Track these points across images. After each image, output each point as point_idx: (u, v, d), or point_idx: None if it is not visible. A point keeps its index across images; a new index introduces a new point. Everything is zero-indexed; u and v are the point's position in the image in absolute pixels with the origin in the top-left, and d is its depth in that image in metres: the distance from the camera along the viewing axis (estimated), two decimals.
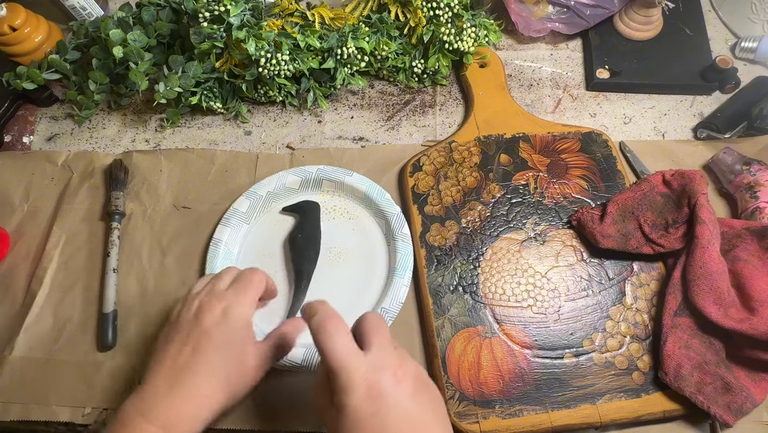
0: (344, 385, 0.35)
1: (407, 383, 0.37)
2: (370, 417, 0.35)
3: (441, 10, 0.63)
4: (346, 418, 0.35)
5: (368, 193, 0.60)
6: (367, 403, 0.35)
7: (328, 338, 0.36)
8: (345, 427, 0.35)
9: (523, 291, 0.55)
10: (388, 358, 0.37)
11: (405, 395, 0.36)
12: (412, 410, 0.36)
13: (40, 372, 0.54)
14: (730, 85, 0.68)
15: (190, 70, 0.62)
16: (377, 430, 0.35)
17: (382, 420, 0.35)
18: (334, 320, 0.37)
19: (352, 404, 0.35)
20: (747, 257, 0.53)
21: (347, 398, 0.35)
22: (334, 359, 0.36)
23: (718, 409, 0.48)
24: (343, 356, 0.36)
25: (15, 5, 0.66)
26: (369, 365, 0.36)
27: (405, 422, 0.35)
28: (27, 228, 0.62)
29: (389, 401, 0.35)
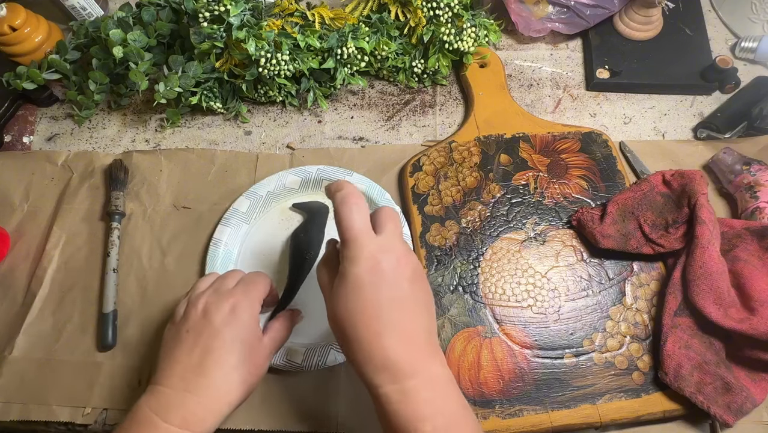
0: (353, 255, 0.38)
1: (407, 269, 0.40)
2: (368, 285, 0.38)
3: (441, 10, 0.63)
4: (347, 283, 0.38)
5: (368, 193, 0.60)
6: (369, 274, 0.38)
7: (349, 211, 0.39)
8: (343, 290, 0.39)
9: (523, 291, 0.55)
10: (396, 244, 0.40)
11: (403, 279, 0.39)
12: (407, 293, 0.39)
13: (40, 372, 0.54)
14: (730, 85, 0.68)
15: (190, 70, 0.62)
16: (372, 301, 0.38)
17: (378, 293, 0.38)
18: (357, 198, 0.40)
19: (355, 272, 0.38)
20: (747, 257, 0.53)
21: (353, 266, 0.38)
22: (350, 230, 0.39)
23: (718, 409, 0.48)
24: (358, 229, 0.39)
25: (15, 5, 0.66)
26: (378, 244, 0.39)
27: (398, 301, 0.39)
28: (27, 228, 0.62)
29: (388, 278, 0.38)
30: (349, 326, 0.38)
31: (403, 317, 0.39)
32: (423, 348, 0.39)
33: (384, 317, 0.38)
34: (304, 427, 0.51)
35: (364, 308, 0.38)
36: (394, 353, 0.38)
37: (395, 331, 0.38)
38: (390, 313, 0.38)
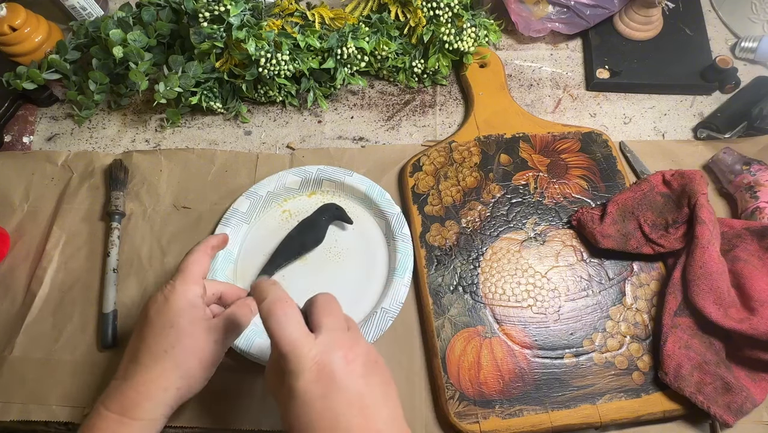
0: (293, 369, 0.35)
1: (357, 364, 0.37)
2: (319, 399, 0.35)
3: (441, 10, 0.63)
4: (295, 400, 0.35)
5: (368, 193, 0.60)
6: (316, 386, 0.35)
7: (277, 323, 0.36)
8: (294, 409, 0.35)
9: (523, 291, 0.55)
10: (338, 340, 0.37)
11: (355, 377, 0.36)
12: (362, 391, 0.36)
13: (40, 372, 0.54)
14: (730, 85, 0.68)
15: (190, 70, 0.62)
16: (326, 412, 0.35)
17: (331, 403, 0.35)
18: (283, 304, 0.37)
19: (302, 386, 0.35)
20: (747, 257, 0.53)
21: (296, 381, 0.35)
22: (283, 344, 0.36)
23: (718, 409, 0.48)
24: (293, 340, 0.36)
25: (15, 5, 0.66)
26: (319, 347, 0.36)
27: (354, 403, 0.36)
28: (27, 228, 0.62)
29: (339, 384, 0.35)
30: None
31: (363, 419, 0.36)
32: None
33: (342, 427, 0.35)
34: None
35: (318, 421, 0.35)
36: None
37: None
38: (348, 420, 0.35)
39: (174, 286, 0.44)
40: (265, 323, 0.37)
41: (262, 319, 0.37)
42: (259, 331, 0.54)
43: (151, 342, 0.42)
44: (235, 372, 0.53)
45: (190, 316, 0.43)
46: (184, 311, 0.43)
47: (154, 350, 0.42)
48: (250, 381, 0.53)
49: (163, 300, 0.43)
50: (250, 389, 0.53)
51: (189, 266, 0.45)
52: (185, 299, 0.43)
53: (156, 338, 0.42)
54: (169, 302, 0.43)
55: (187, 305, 0.43)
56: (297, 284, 0.57)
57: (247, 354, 0.52)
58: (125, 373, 0.42)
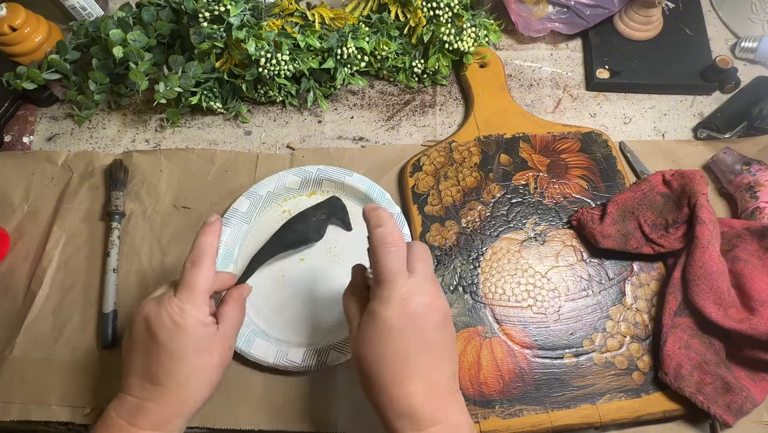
0: (386, 296, 0.38)
1: (438, 314, 0.39)
2: (397, 331, 0.38)
3: (441, 10, 0.63)
4: (376, 325, 0.38)
5: (368, 193, 0.60)
6: (399, 318, 0.38)
7: (386, 251, 0.39)
8: (371, 332, 0.39)
9: (523, 291, 0.55)
10: (428, 287, 0.40)
11: (432, 324, 0.39)
12: (435, 338, 0.39)
13: (40, 372, 0.54)
14: (730, 85, 0.68)
15: (190, 70, 0.62)
16: (400, 344, 0.38)
17: (407, 338, 0.38)
18: (396, 237, 0.40)
19: (386, 315, 0.38)
20: (747, 257, 0.53)
21: (384, 308, 0.38)
22: (385, 272, 0.38)
23: (718, 409, 0.48)
24: (394, 271, 0.38)
25: (15, 5, 0.66)
26: (411, 286, 0.39)
27: (426, 345, 0.39)
28: (27, 228, 0.62)
29: (418, 324, 0.38)
30: (374, 369, 0.38)
31: (428, 364, 0.39)
32: (446, 396, 0.39)
33: (410, 364, 0.38)
34: (304, 427, 0.51)
35: (391, 352, 0.38)
36: (418, 400, 0.37)
37: (420, 378, 0.38)
38: (417, 360, 0.38)
39: (183, 309, 0.42)
40: (374, 248, 0.39)
41: (373, 243, 0.40)
42: (259, 331, 0.54)
43: (171, 367, 0.41)
44: (235, 372, 0.53)
45: (206, 336, 0.43)
46: (200, 334, 0.42)
47: (178, 375, 0.42)
48: (250, 381, 0.53)
49: (173, 326, 0.41)
50: (250, 389, 0.53)
51: (197, 284, 0.43)
52: (199, 323, 0.42)
53: (177, 364, 0.42)
54: (182, 329, 0.41)
55: (201, 327, 0.42)
56: (297, 284, 0.57)
57: (247, 354, 0.52)
58: (145, 393, 0.42)
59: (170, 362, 0.41)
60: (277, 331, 0.55)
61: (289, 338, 0.55)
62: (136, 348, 0.43)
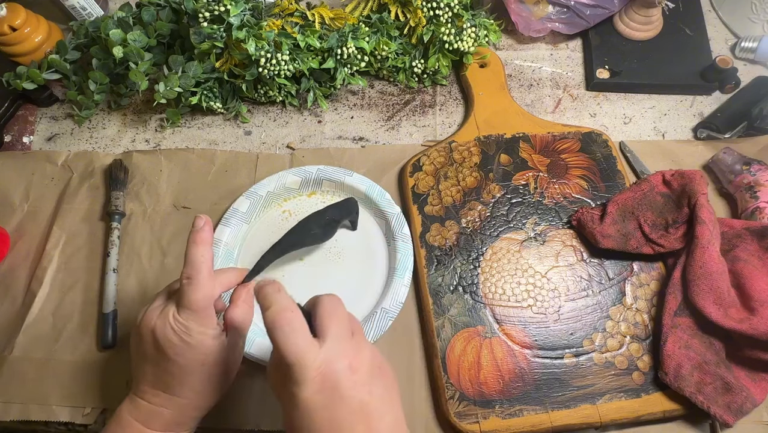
0: (297, 378, 0.35)
1: (362, 373, 0.36)
2: (321, 409, 0.35)
3: (441, 10, 0.63)
4: (297, 408, 0.35)
5: (368, 193, 0.60)
6: (320, 396, 0.35)
7: (281, 334, 0.35)
8: (297, 417, 0.35)
9: (523, 291, 0.55)
10: (343, 349, 0.36)
11: (359, 386, 0.36)
12: (366, 400, 0.36)
13: (40, 372, 0.54)
14: (730, 85, 0.68)
15: (190, 70, 0.62)
16: (328, 422, 0.35)
17: (334, 413, 0.35)
18: (288, 314, 0.36)
19: (305, 396, 0.35)
20: (747, 257, 0.53)
21: (300, 390, 0.35)
22: (288, 354, 0.35)
23: (718, 409, 0.48)
24: (297, 350, 0.35)
25: (15, 5, 0.66)
26: (323, 356, 0.35)
27: (357, 412, 0.35)
28: (27, 228, 0.62)
29: (342, 394, 0.35)
30: None
31: (365, 427, 0.36)
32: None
33: None
34: None
35: (320, 431, 0.35)
36: None
37: None
38: (351, 429, 0.35)
39: (189, 328, 0.41)
40: (270, 333, 0.36)
41: (267, 328, 0.36)
42: (259, 331, 0.54)
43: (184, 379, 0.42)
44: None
45: (216, 348, 0.42)
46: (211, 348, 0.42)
47: (193, 385, 0.42)
48: (250, 381, 0.53)
49: (182, 343, 0.41)
50: (250, 389, 0.53)
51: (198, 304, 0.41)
52: (208, 339, 0.42)
53: (190, 376, 0.42)
54: (192, 347, 0.41)
55: (211, 342, 0.42)
56: (297, 284, 0.57)
57: (247, 354, 0.52)
58: (159, 400, 0.42)
59: (182, 375, 0.42)
60: None
61: None
62: (146, 360, 0.43)
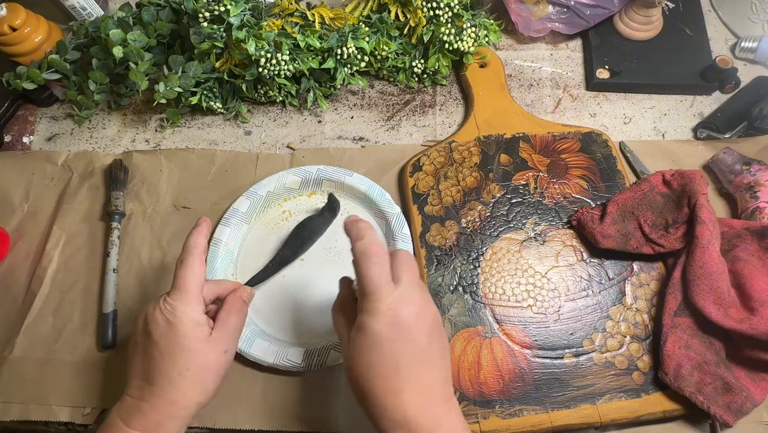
0: (372, 308, 0.38)
1: (426, 322, 0.39)
2: (387, 341, 0.38)
3: (441, 10, 0.63)
4: (365, 338, 0.38)
5: (368, 194, 0.60)
6: (388, 329, 0.38)
7: (369, 263, 0.39)
8: (361, 345, 0.39)
9: (523, 291, 0.55)
10: (415, 295, 0.39)
11: (422, 332, 0.39)
12: (425, 347, 0.39)
13: (40, 372, 0.54)
14: (730, 85, 0.68)
15: (190, 70, 0.62)
16: (390, 355, 0.38)
17: (397, 348, 0.38)
18: (378, 248, 0.39)
19: (375, 327, 0.38)
20: (747, 257, 0.53)
21: (372, 320, 0.38)
22: (370, 283, 0.38)
23: (718, 409, 0.48)
24: (378, 282, 0.38)
25: (15, 5, 0.66)
26: (397, 296, 0.39)
27: (416, 355, 0.38)
28: (27, 228, 0.62)
29: (407, 333, 0.38)
30: (367, 380, 0.38)
31: (421, 372, 0.39)
32: (441, 404, 0.39)
33: (402, 373, 0.38)
34: (304, 427, 0.51)
35: (382, 363, 0.38)
36: (412, 409, 0.37)
37: (413, 387, 0.38)
38: (408, 369, 0.38)
39: (175, 307, 0.43)
40: (357, 261, 0.39)
41: (355, 256, 0.39)
42: (259, 331, 0.54)
43: (163, 365, 0.42)
44: (235, 372, 0.53)
45: (197, 335, 0.43)
46: (191, 332, 0.43)
47: (169, 373, 0.42)
48: (250, 381, 0.53)
49: (165, 324, 0.42)
50: (250, 389, 0.53)
51: (186, 283, 0.43)
52: (190, 321, 0.43)
53: (168, 362, 0.42)
54: (174, 326, 0.42)
55: (193, 325, 0.43)
56: (297, 284, 0.57)
57: (247, 354, 0.52)
58: (141, 393, 0.42)
59: (162, 360, 0.42)
60: (277, 331, 0.55)
61: (289, 338, 0.55)
62: (137, 349, 0.44)
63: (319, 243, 0.59)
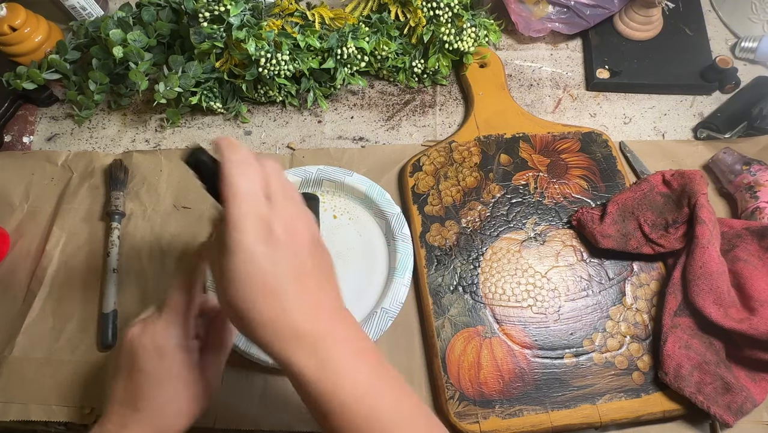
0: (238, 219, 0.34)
1: (305, 237, 0.36)
2: (263, 257, 0.34)
3: (441, 10, 0.63)
4: (238, 255, 0.33)
5: (368, 194, 0.60)
6: (261, 244, 0.34)
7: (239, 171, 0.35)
8: (236, 268, 0.34)
9: (523, 291, 0.55)
10: (289, 209, 0.36)
11: (302, 248, 0.35)
12: (307, 265, 0.36)
13: (40, 372, 0.54)
14: (730, 85, 0.68)
15: (190, 70, 0.62)
16: (269, 271, 0.34)
17: (275, 264, 0.34)
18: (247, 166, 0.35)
19: (245, 241, 0.33)
20: (747, 257, 0.53)
21: (240, 234, 0.33)
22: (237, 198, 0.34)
23: (718, 409, 0.48)
24: (249, 196, 0.34)
25: (15, 5, 0.66)
26: (269, 208, 0.35)
27: (299, 271, 0.35)
28: (27, 228, 0.62)
29: (285, 249, 0.34)
30: (248, 303, 0.34)
31: (307, 289, 0.35)
32: (332, 314, 0.36)
33: (288, 290, 0.34)
34: (304, 427, 0.51)
35: (261, 281, 0.33)
36: (305, 324, 0.34)
37: (302, 303, 0.34)
38: (293, 286, 0.34)
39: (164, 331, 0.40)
40: (226, 178, 0.35)
41: (224, 173, 0.35)
42: None
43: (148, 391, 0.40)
44: (236, 372, 0.53)
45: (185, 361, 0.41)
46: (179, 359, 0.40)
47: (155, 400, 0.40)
48: (249, 381, 0.53)
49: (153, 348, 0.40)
50: (249, 389, 0.53)
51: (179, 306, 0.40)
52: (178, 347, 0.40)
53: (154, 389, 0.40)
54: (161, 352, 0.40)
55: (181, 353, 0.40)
56: None
57: (247, 354, 0.52)
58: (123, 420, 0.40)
59: (149, 387, 0.39)
60: None
61: None
62: (118, 372, 0.41)
63: None
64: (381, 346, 0.54)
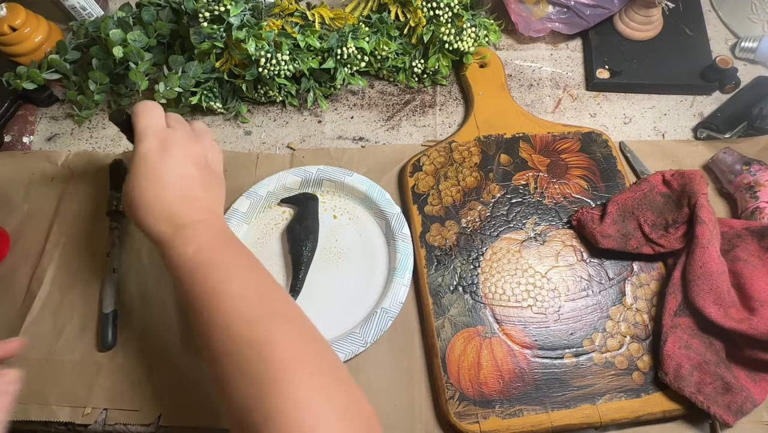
0: (142, 135, 0.46)
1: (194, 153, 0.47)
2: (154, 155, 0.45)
3: (441, 10, 0.63)
4: (137, 158, 0.45)
5: (368, 193, 0.60)
6: (156, 148, 0.45)
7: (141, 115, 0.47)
8: (136, 166, 0.45)
9: (523, 291, 0.55)
10: (186, 132, 0.48)
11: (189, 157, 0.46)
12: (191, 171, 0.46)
13: (40, 372, 0.54)
14: (730, 85, 0.68)
15: (190, 70, 0.62)
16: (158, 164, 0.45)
17: (164, 161, 0.45)
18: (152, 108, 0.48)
19: (144, 146, 0.45)
20: (747, 257, 0.53)
21: (141, 144, 0.46)
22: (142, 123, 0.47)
23: (718, 409, 0.48)
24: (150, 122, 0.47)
25: (15, 5, 0.66)
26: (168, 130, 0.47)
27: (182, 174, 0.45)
28: (27, 228, 0.62)
29: (174, 153, 0.46)
30: (137, 191, 0.44)
31: (187, 187, 0.45)
32: (207, 209, 0.45)
33: (169, 179, 0.44)
34: None
35: (150, 172, 0.44)
36: (174, 206, 0.44)
37: (178, 191, 0.44)
38: (175, 179, 0.45)
39: None
40: (135, 117, 0.47)
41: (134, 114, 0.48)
42: None
43: None
44: None
45: None
46: None
47: None
48: None
49: None
50: None
51: None
52: None
53: None
54: None
55: None
56: None
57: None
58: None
59: None
60: None
61: None
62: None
63: (319, 243, 0.59)
64: (381, 346, 0.54)
